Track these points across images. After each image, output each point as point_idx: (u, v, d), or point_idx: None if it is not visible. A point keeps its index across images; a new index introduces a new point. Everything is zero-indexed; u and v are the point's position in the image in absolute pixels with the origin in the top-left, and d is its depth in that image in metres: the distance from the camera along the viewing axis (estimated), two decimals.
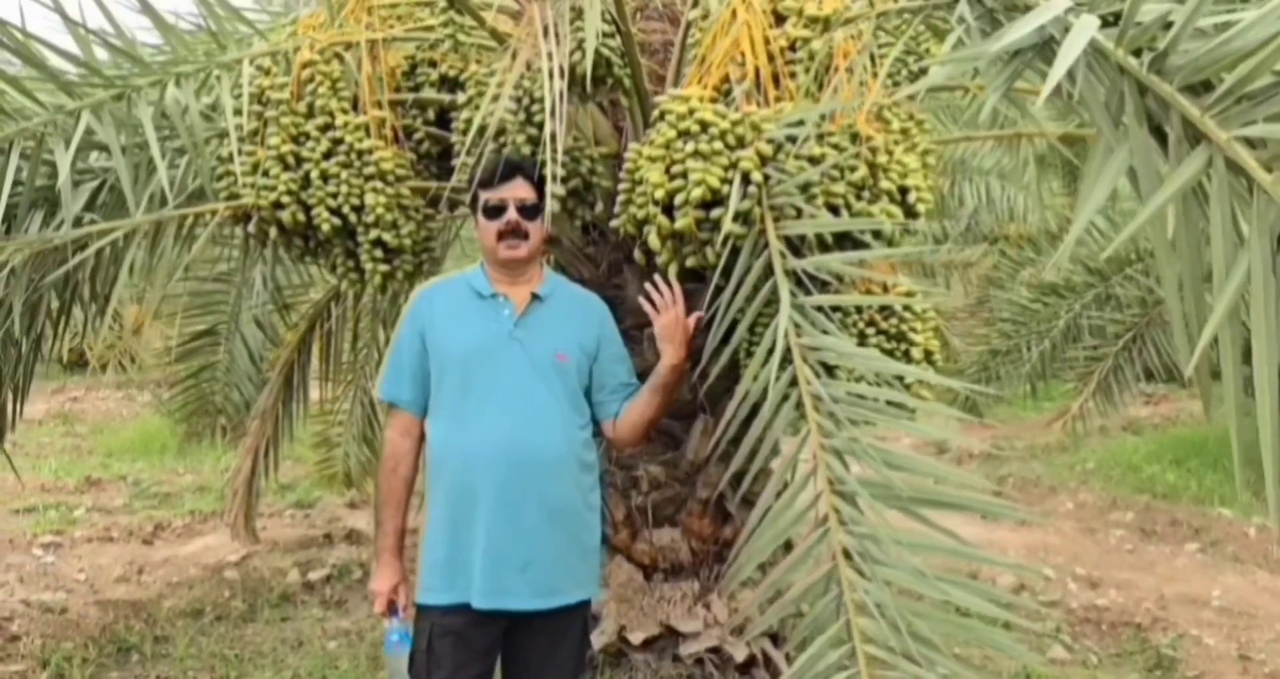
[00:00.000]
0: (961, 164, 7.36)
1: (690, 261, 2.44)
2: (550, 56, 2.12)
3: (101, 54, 2.83)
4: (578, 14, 2.36)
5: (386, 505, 2.42)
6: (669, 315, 2.44)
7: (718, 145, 2.31)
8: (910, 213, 2.49)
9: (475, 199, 2.44)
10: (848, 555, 2.08)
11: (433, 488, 2.40)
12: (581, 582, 2.46)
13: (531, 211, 2.41)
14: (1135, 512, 6.60)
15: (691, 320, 2.45)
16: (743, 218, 2.31)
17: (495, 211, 2.39)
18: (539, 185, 2.40)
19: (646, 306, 2.48)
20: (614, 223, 2.56)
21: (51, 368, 11.68)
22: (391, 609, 2.42)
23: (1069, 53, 1.34)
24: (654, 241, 2.42)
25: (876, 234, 2.43)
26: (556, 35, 2.31)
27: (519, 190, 2.39)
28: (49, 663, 4.02)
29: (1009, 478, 7.58)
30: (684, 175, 2.32)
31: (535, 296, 2.43)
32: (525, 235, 2.39)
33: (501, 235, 2.38)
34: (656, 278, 2.49)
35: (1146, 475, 7.40)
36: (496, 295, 2.42)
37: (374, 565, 2.46)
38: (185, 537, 6.16)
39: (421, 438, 2.45)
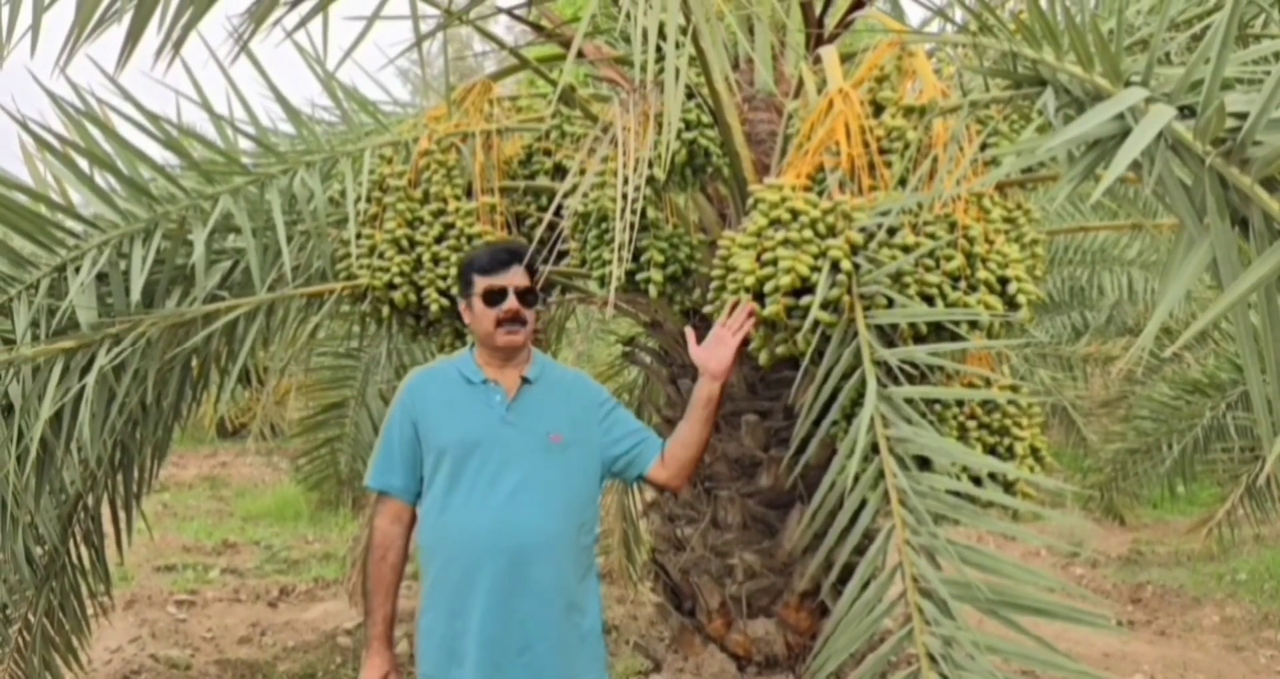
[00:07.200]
0: (1102, 253, 7.11)
1: (781, 349, 2.43)
2: (629, 150, 2.19)
3: (237, 142, 3.07)
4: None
5: (376, 593, 2.46)
6: (722, 331, 2.41)
7: (808, 233, 2.32)
8: (1011, 304, 2.43)
9: (469, 285, 2.47)
10: (931, 659, 2.00)
11: (426, 574, 2.42)
12: (583, 667, 2.43)
13: (529, 298, 2.46)
14: None
15: (737, 339, 2.40)
16: (832, 306, 2.30)
17: (496, 298, 2.42)
18: (534, 273, 2.47)
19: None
20: (707, 309, 2.58)
21: (207, 434, 12.36)
22: None
23: (1137, 143, 1.31)
24: None
25: (973, 325, 2.39)
26: (659, 125, 2.39)
27: (517, 278, 2.43)
28: None
29: (1148, 585, 7.08)
30: (774, 263, 2.33)
31: (525, 380, 2.46)
32: (524, 321, 2.43)
33: (500, 322, 2.41)
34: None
35: None
36: (487, 381, 2.45)
37: (364, 654, 2.48)
38: (307, 602, 6.35)
39: (412, 525, 2.47)
